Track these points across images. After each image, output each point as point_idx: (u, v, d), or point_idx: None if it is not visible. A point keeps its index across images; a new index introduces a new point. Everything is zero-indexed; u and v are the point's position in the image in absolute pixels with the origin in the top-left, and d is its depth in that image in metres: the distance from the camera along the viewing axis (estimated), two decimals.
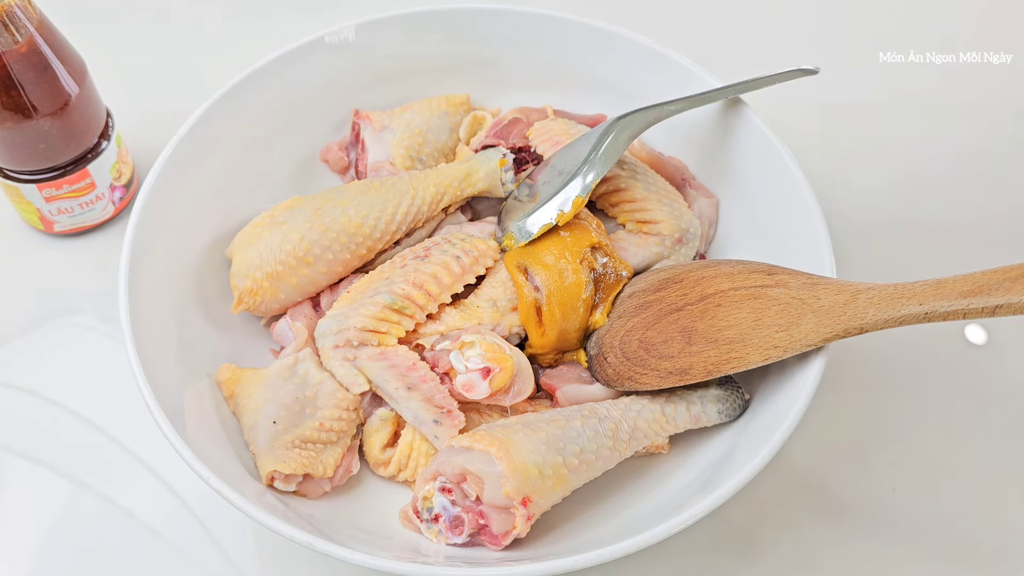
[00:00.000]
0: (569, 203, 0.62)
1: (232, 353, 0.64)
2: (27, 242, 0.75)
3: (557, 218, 0.62)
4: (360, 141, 0.72)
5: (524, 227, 0.63)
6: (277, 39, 0.72)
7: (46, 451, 0.64)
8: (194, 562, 0.60)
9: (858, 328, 0.52)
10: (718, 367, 0.56)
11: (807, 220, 0.62)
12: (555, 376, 0.63)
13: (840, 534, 0.62)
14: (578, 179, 0.62)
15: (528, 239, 0.63)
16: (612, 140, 0.63)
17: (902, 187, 0.79)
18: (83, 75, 0.67)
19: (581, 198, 0.62)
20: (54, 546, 0.61)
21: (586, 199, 0.62)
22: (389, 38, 0.73)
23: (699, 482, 0.57)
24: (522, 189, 0.66)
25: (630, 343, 0.60)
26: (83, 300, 0.72)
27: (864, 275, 0.71)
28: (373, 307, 0.60)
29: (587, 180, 0.62)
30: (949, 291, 0.49)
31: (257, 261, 0.63)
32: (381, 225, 0.64)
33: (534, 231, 0.63)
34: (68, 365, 0.69)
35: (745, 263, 0.59)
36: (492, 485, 0.53)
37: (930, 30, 0.91)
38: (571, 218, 0.62)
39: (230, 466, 0.56)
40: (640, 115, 0.64)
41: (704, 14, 0.93)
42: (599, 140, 0.63)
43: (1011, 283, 0.47)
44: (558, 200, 0.62)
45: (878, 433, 0.66)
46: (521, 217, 0.64)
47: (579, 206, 0.62)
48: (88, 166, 0.70)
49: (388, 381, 0.59)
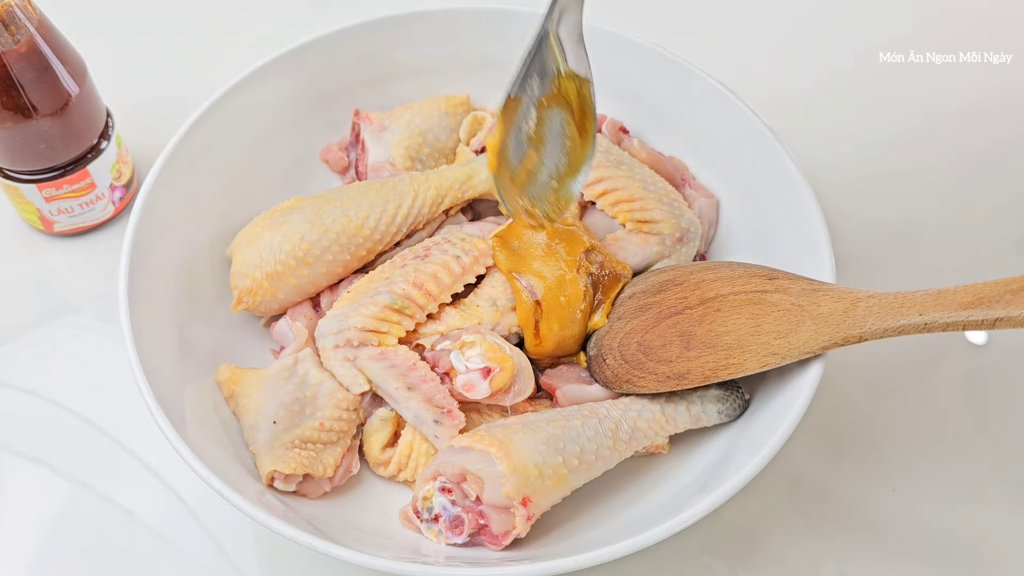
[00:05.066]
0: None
1: (232, 353, 0.64)
2: (27, 242, 0.75)
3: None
4: (360, 141, 0.72)
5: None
6: (277, 39, 0.72)
7: (46, 451, 0.64)
8: (194, 562, 0.60)
9: (857, 337, 0.52)
10: (715, 373, 0.56)
11: (807, 220, 0.62)
12: (555, 376, 0.63)
13: (840, 535, 0.62)
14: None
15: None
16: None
17: (902, 187, 0.79)
18: (83, 75, 0.67)
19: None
20: (54, 546, 0.61)
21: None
22: (389, 38, 0.73)
23: (699, 482, 0.57)
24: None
25: (629, 346, 0.60)
26: (83, 300, 0.72)
27: (863, 275, 0.72)
28: (373, 307, 0.60)
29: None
30: (949, 302, 0.49)
31: (257, 261, 0.63)
32: (381, 226, 0.64)
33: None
34: (68, 365, 0.69)
35: (746, 266, 0.59)
36: (492, 485, 0.53)
37: (930, 30, 0.91)
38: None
39: (230, 466, 0.56)
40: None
41: (704, 14, 0.93)
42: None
43: (1012, 296, 0.47)
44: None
45: (878, 433, 0.66)
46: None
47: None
48: (88, 166, 0.70)
49: (388, 381, 0.59)
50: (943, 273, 0.74)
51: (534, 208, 0.58)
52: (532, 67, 0.56)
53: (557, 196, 0.59)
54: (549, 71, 0.57)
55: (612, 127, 0.71)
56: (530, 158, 0.58)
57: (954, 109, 0.85)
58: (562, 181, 0.59)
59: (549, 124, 0.58)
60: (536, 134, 0.58)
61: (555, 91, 0.57)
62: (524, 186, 0.58)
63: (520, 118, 0.57)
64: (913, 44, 0.88)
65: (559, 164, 0.59)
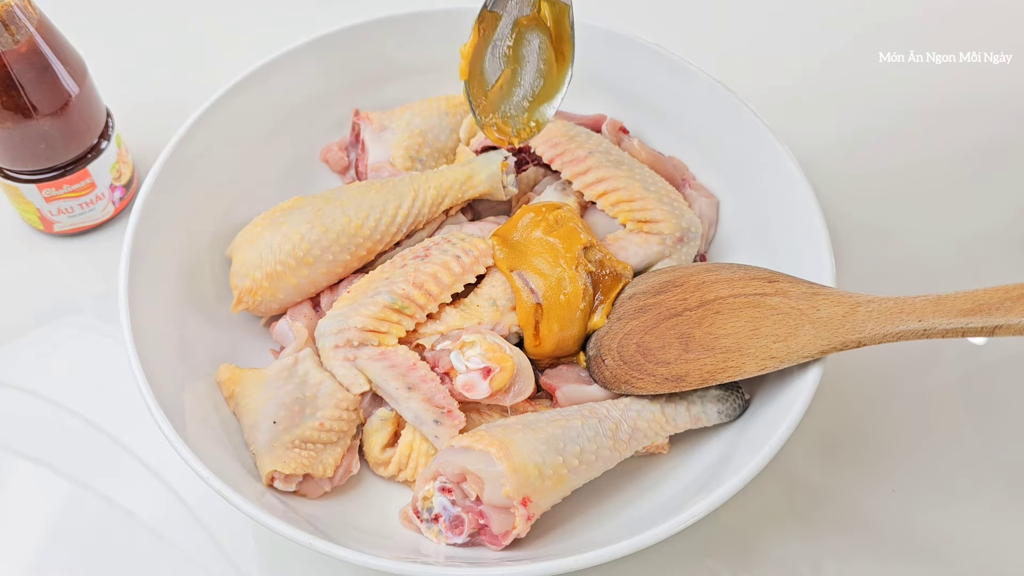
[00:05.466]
0: None
1: (232, 353, 0.64)
2: (27, 242, 0.75)
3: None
4: (360, 141, 0.72)
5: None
6: (277, 39, 0.72)
7: (46, 451, 0.64)
8: (194, 562, 0.60)
9: (856, 342, 0.52)
10: (714, 375, 0.57)
11: (807, 221, 0.62)
12: (555, 376, 0.63)
13: (839, 535, 0.62)
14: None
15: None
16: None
17: (902, 187, 0.79)
18: (83, 75, 0.67)
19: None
20: (54, 546, 0.61)
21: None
22: (389, 38, 0.73)
23: (699, 482, 0.57)
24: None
25: (628, 347, 0.60)
26: (83, 300, 0.72)
27: (863, 275, 0.72)
28: (373, 307, 0.60)
29: None
30: (948, 308, 0.49)
31: (257, 261, 0.63)
32: (381, 226, 0.64)
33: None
34: (68, 365, 0.69)
35: (746, 268, 0.59)
36: (492, 485, 0.53)
37: (930, 30, 0.91)
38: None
39: (230, 466, 0.56)
40: None
41: (704, 14, 0.93)
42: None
43: (1012, 303, 0.47)
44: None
45: (877, 434, 0.66)
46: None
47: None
48: (88, 166, 0.70)
49: (388, 381, 0.59)
50: (940, 273, 0.74)
51: (505, 125, 0.59)
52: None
53: (530, 116, 0.60)
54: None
55: (612, 127, 0.71)
56: (504, 76, 0.59)
57: (954, 109, 0.85)
58: (536, 102, 0.59)
59: (527, 45, 0.59)
60: (513, 53, 0.59)
61: (535, 13, 0.59)
62: (497, 102, 0.58)
63: (498, 35, 0.58)
64: (913, 44, 0.88)
65: (534, 86, 0.60)
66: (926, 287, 0.57)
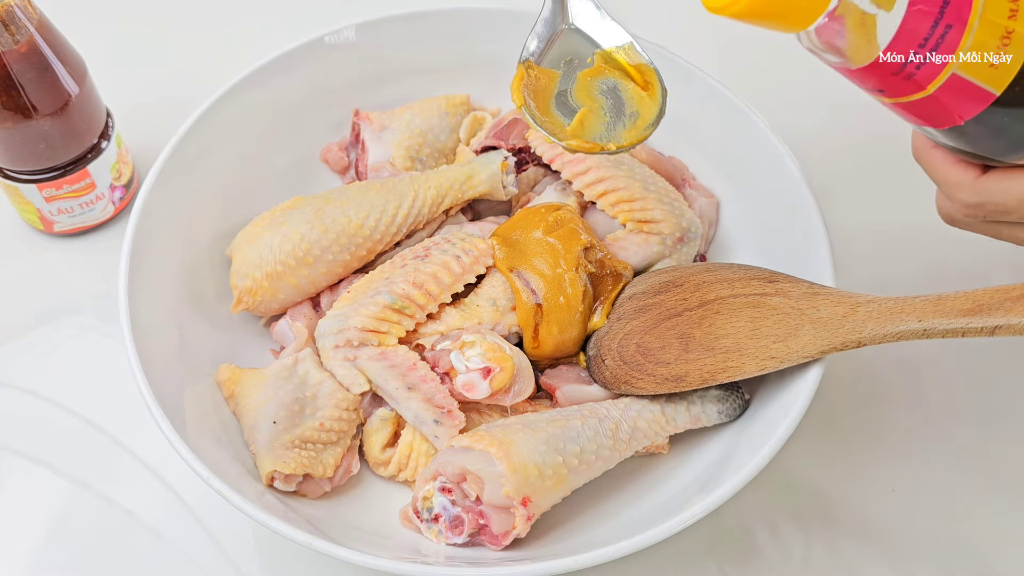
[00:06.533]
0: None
1: (232, 353, 0.64)
2: (27, 242, 0.75)
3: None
4: (360, 141, 0.72)
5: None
6: (277, 39, 0.72)
7: (46, 451, 0.64)
8: (194, 562, 0.60)
9: (856, 342, 0.52)
10: (714, 375, 0.57)
11: (807, 221, 0.62)
12: (555, 376, 0.63)
13: (839, 535, 0.62)
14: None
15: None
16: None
17: (902, 187, 0.79)
18: (83, 75, 0.67)
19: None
20: (54, 546, 0.61)
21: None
22: (389, 38, 0.73)
23: (699, 482, 0.57)
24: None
25: (628, 347, 0.60)
26: (83, 300, 0.72)
27: (863, 276, 0.72)
28: (373, 307, 0.60)
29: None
30: (949, 308, 0.49)
31: (257, 261, 0.63)
32: (381, 227, 0.64)
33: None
34: (68, 365, 0.69)
35: (746, 268, 0.59)
36: (492, 485, 0.53)
37: None
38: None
39: (230, 466, 0.56)
40: None
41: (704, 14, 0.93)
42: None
43: (1012, 303, 0.47)
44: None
45: (878, 434, 0.66)
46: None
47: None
48: (88, 166, 0.70)
49: (388, 381, 0.59)
50: (941, 273, 0.74)
51: (606, 144, 0.57)
52: (559, 54, 0.57)
53: (629, 134, 0.57)
54: (584, 54, 0.58)
55: None
56: (585, 114, 0.57)
57: None
58: (636, 125, 0.58)
59: (600, 85, 0.58)
60: (586, 95, 0.58)
61: (599, 64, 0.58)
62: (580, 134, 0.57)
63: (562, 83, 0.58)
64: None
65: (629, 113, 0.58)
66: (926, 287, 0.57)
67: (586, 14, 0.58)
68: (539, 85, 0.57)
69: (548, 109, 0.57)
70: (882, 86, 0.45)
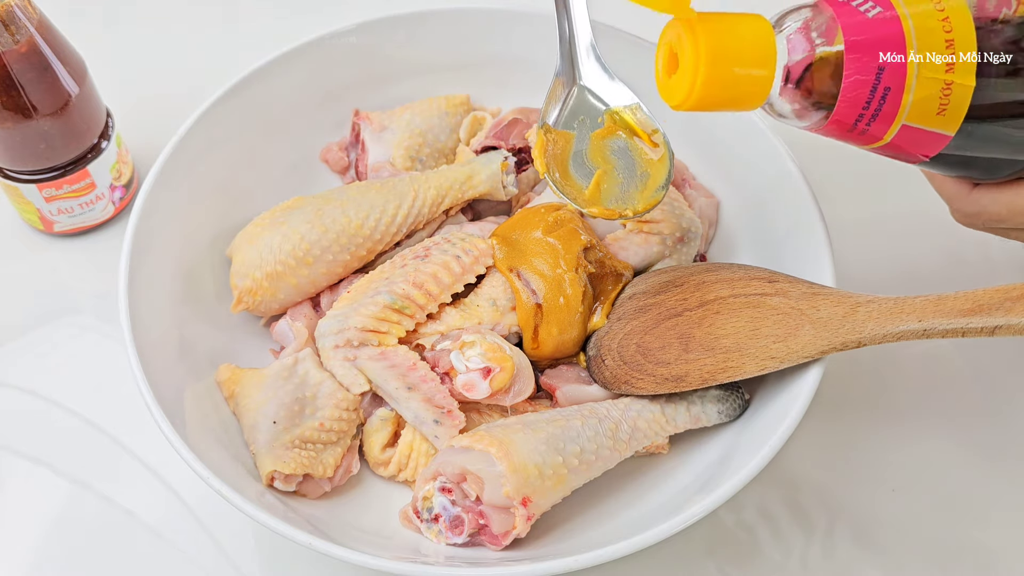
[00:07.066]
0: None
1: (232, 353, 0.64)
2: (27, 242, 0.75)
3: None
4: (360, 141, 0.72)
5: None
6: (277, 39, 0.72)
7: (46, 451, 0.64)
8: (194, 562, 0.60)
9: (856, 342, 0.52)
10: (714, 376, 0.57)
11: (807, 221, 0.62)
12: (555, 376, 0.63)
13: (839, 535, 0.62)
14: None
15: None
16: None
17: (903, 187, 0.79)
18: (83, 75, 0.67)
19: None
20: (54, 546, 0.61)
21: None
22: (389, 38, 0.73)
23: (699, 482, 0.57)
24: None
25: (628, 347, 0.60)
26: (83, 300, 0.72)
27: (862, 276, 0.72)
28: (373, 307, 0.60)
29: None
30: (949, 308, 0.49)
31: (257, 261, 0.63)
32: (381, 227, 0.64)
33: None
34: (68, 365, 0.69)
35: (746, 269, 0.59)
36: (492, 485, 0.53)
37: None
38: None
39: (230, 466, 0.56)
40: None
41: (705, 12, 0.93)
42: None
43: (1012, 303, 0.47)
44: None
45: (878, 434, 0.66)
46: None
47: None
48: (88, 166, 0.70)
49: (388, 381, 0.59)
50: (941, 273, 0.74)
51: (622, 209, 0.61)
52: (572, 113, 0.62)
53: (643, 196, 0.61)
54: (594, 113, 0.62)
55: None
56: (600, 177, 0.61)
57: None
58: (647, 186, 0.61)
59: (612, 146, 0.62)
60: (600, 156, 0.61)
61: (609, 124, 0.61)
62: (598, 199, 0.60)
63: (577, 144, 0.61)
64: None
65: (639, 174, 0.61)
66: (926, 287, 0.57)
67: (595, 74, 0.62)
68: (556, 148, 0.61)
69: (567, 171, 0.61)
70: (846, 140, 0.49)
